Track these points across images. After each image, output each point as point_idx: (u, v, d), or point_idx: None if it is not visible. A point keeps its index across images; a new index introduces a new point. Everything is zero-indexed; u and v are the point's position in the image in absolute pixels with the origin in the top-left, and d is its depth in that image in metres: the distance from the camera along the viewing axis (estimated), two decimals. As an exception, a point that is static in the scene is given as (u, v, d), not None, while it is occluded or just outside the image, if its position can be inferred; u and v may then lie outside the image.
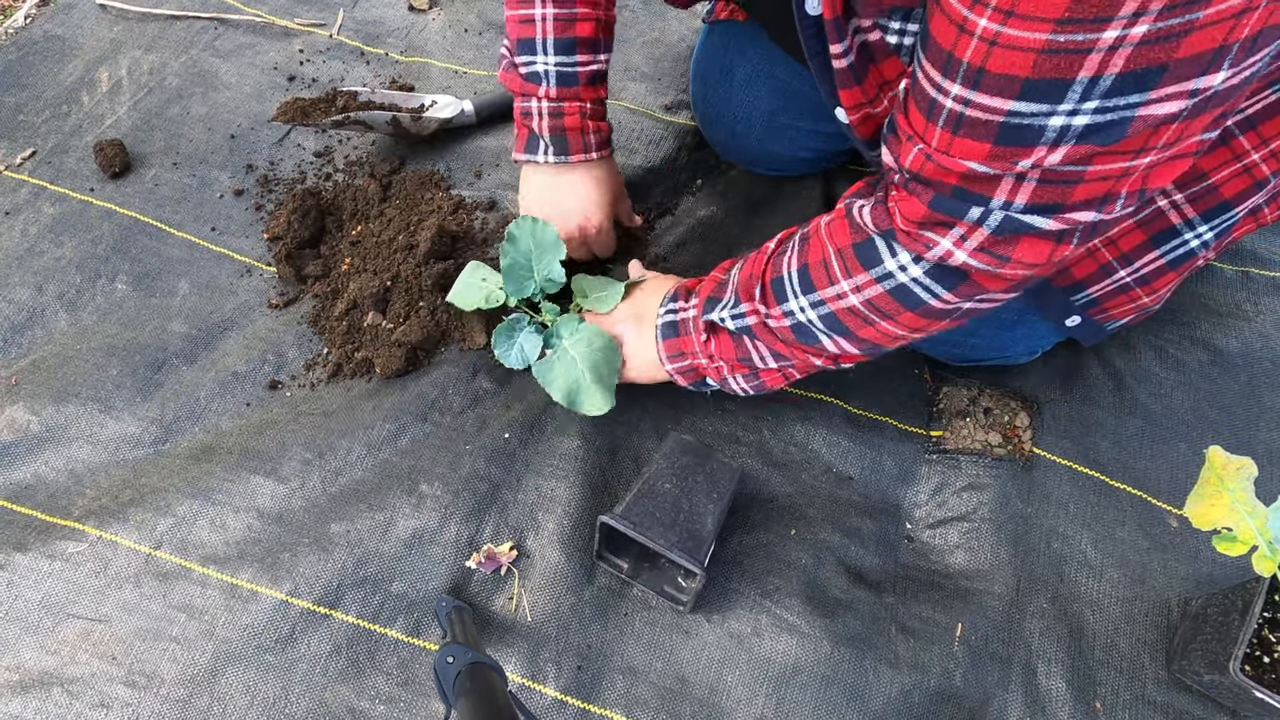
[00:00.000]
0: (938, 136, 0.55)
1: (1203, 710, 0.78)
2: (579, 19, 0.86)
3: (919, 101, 0.57)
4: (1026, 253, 0.59)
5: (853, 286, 0.69)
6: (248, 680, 0.78)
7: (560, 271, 0.88)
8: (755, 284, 0.76)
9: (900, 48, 0.64)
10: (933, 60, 0.53)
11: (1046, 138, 0.50)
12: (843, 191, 1.14)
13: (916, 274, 0.65)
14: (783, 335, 0.76)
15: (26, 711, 0.76)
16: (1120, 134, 0.49)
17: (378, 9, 1.38)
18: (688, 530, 0.78)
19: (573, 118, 0.90)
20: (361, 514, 0.86)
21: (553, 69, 0.88)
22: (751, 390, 0.85)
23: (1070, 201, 0.55)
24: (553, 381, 0.85)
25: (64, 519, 0.85)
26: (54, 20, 1.32)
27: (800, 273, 0.72)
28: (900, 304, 0.67)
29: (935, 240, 0.61)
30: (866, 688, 0.79)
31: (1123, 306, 0.84)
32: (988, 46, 0.48)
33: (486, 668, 0.64)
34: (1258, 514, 0.67)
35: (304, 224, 1.06)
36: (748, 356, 0.80)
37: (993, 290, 0.65)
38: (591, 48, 0.88)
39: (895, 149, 0.62)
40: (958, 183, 0.57)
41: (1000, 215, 0.57)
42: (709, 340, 0.82)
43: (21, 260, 1.05)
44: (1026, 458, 0.93)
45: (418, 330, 0.96)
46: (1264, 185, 0.72)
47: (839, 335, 0.73)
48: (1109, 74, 0.46)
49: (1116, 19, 0.43)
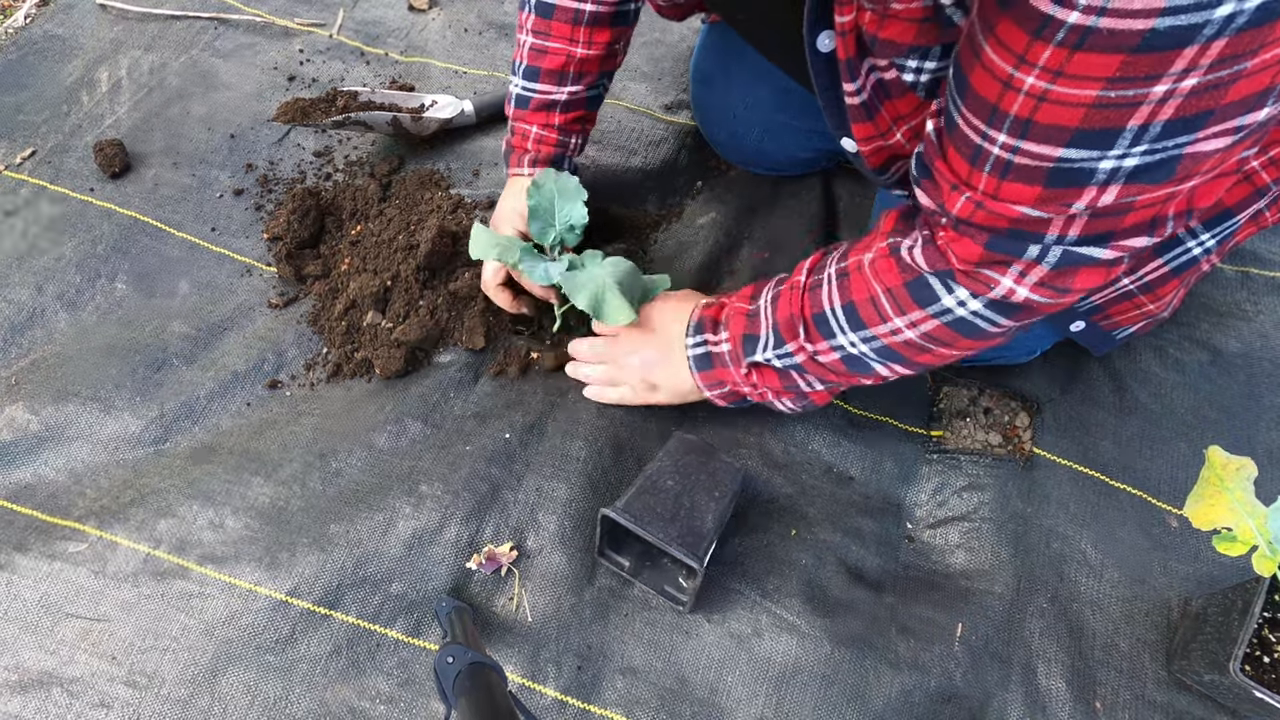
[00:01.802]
0: (984, 181, 0.56)
1: (1203, 710, 0.78)
2: (549, 51, 0.91)
3: (960, 148, 0.57)
4: (1085, 280, 0.60)
5: (908, 323, 0.70)
6: (248, 680, 0.78)
7: (582, 212, 0.91)
8: (798, 323, 0.76)
9: (917, 84, 0.65)
10: (974, 110, 0.54)
11: (1097, 179, 0.51)
12: (843, 191, 1.15)
13: (977, 308, 0.65)
14: (833, 367, 0.77)
15: (26, 711, 0.76)
16: (1169, 172, 0.50)
17: (378, 9, 1.38)
18: (688, 526, 0.78)
19: (517, 137, 0.98)
20: (361, 514, 0.85)
21: (516, 90, 0.96)
22: (799, 409, 0.86)
23: (1122, 228, 0.56)
24: (579, 289, 0.86)
25: (64, 519, 0.85)
26: (54, 20, 1.32)
27: (846, 310, 0.73)
28: (959, 334, 0.69)
29: (996, 279, 0.62)
30: (867, 688, 0.79)
31: (1128, 313, 0.84)
32: (1036, 102, 0.49)
33: (486, 668, 0.64)
34: (1258, 514, 0.67)
35: (304, 224, 1.06)
36: (794, 385, 0.81)
37: (1049, 313, 0.66)
38: (558, 80, 0.93)
39: (936, 196, 0.62)
40: (1010, 225, 0.58)
41: (1058, 250, 0.58)
42: (750, 373, 0.82)
43: (21, 260, 1.05)
44: (1026, 458, 0.93)
45: (417, 329, 0.96)
46: (1265, 193, 0.73)
47: (893, 363, 0.74)
48: (1158, 121, 0.47)
49: (1167, 75, 0.44)
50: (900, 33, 0.60)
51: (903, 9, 0.58)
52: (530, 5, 0.91)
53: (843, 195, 1.14)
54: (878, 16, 0.59)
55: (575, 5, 0.89)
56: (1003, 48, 0.49)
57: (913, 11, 0.58)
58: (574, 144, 0.99)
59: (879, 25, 0.60)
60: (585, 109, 0.97)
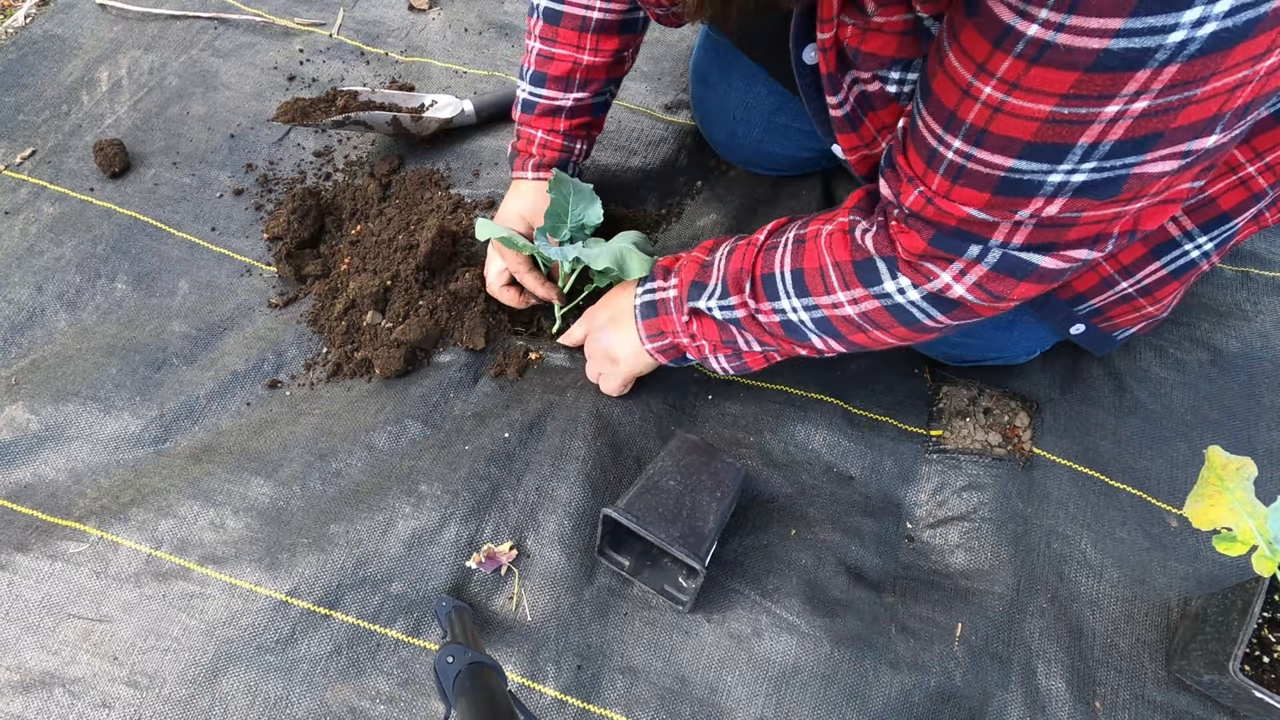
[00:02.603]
0: (938, 182, 0.57)
1: (1203, 710, 0.78)
2: (556, 58, 0.92)
3: (919, 147, 0.58)
4: (1023, 290, 0.61)
5: (850, 299, 0.70)
6: (248, 680, 0.78)
7: (597, 212, 0.94)
8: (745, 278, 0.76)
9: (900, 95, 0.66)
10: (934, 114, 0.55)
11: (1044, 191, 0.52)
12: (843, 191, 1.15)
13: (915, 298, 0.66)
14: (771, 329, 0.77)
15: (28, 711, 0.76)
16: (1115, 190, 0.51)
17: (378, 9, 1.38)
18: (689, 526, 0.78)
19: (522, 141, 0.99)
20: (361, 514, 0.86)
21: (522, 95, 0.97)
22: (733, 370, 0.86)
23: (1065, 240, 0.57)
24: (599, 256, 0.88)
25: (65, 519, 0.85)
26: (54, 20, 1.32)
27: (794, 275, 0.73)
28: (895, 319, 0.69)
29: (935, 273, 0.63)
30: (866, 688, 0.79)
31: (1128, 315, 0.85)
32: (991, 112, 0.50)
33: (486, 668, 0.64)
34: (1257, 514, 0.67)
35: (304, 224, 1.06)
36: (732, 339, 0.81)
37: (985, 315, 0.67)
38: (564, 86, 0.93)
39: (895, 186, 0.63)
40: (957, 225, 0.59)
41: (998, 253, 0.59)
42: (691, 321, 0.83)
43: (21, 260, 1.05)
44: (1026, 458, 0.93)
45: (417, 330, 0.96)
46: (1261, 197, 0.73)
47: (829, 336, 0.75)
48: (1108, 140, 0.48)
49: (1119, 96, 0.45)
50: (883, 46, 0.61)
51: (884, 23, 0.59)
52: (539, 11, 0.91)
53: (843, 195, 1.14)
54: (859, 31, 0.61)
55: (583, 12, 0.89)
56: (965, 55, 0.50)
57: (894, 25, 0.59)
58: (579, 150, 1.00)
59: (861, 39, 0.61)
60: (591, 115, 0.98)
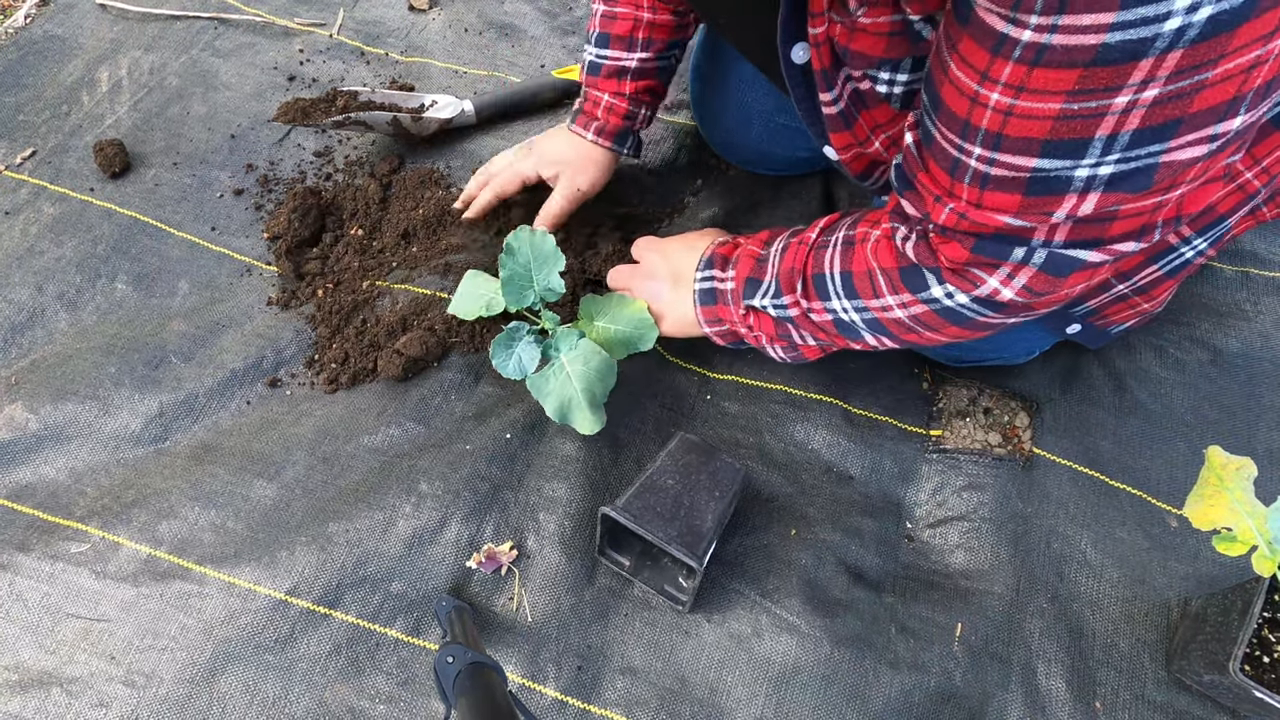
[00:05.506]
0: (967, 192, 0.57)
1: (1203, 710, 0.78)
2: (618, 17, 0.94)
3: (940, 160, 0.58)
4: (1074, 281, 0.60)
5: (899, 303, 0.70)
6: (247, 680, 0.78)
7: (560, 281, 0.87)
8: (797, 278, 0.76)
9: (890, 96, 0.66)
10: (948, 125, 0.55)
11: (1075, 187, 0.51)
12: (843, 192, 1.14)
13: (964, 301, 0.66)
14: (824, 327, 0.77)
15: (26, 711, 0.76)
16: (1148, 181, 0.50)
17: (378, 9, 1.38)
18: (687, 526, 0.78)
19: (588, 103, 1.00)
20: (361, 513, 0.85)
21: (589, 57, 0.98)
22: (790, 360, 0.86)
23: (1109, 235, 0.56)
24: (547, 396, 0.85)
25: (66, 519, 0.85)
26: (54, 20, 1.32)
27: (843, 278, 0.73)
28: (947, 321, 0.69)
29: (983, 279, 0.62)
30: (866, 688, 0.79)
31: (1123, 312, 0.85)
32: (1003, 116, 0.50)
33: (486, 668, 0.64)
34: (1257, 514, 0.67)
35: (304, 223, 1.06)
36: (788, 334, 0.81)
37: (1040, 311, 0.66)
38: (626, 45, 0.95)
39: (921, 207, 0.62)
40: (995, 232, 0.58)
41: (1044, 253, 0.58)
42: (748, 315, 0.83)
43: (21, 260, 1.05)
44: (1026, 458, 0.93)
45: (418, 345, 0.95)
46: (1254, 196, 0.73)
47: (882, 335, 0.75)
48: (1126, 130, 0.47)
49: (1126, 87, 0.45)
50: (870, 45, 0.60)
51: (870, 23, 0.59)
52: None
53: (843, 195, 1.14)
54: (847, 29, 0.60)
55: None
56: (966, 65, 0.50)
57: (880, 25, 0.58)
58: (642, 115, 1.01)
59: (849, 38, 0.61)
60: (655, 79, 0.98)
